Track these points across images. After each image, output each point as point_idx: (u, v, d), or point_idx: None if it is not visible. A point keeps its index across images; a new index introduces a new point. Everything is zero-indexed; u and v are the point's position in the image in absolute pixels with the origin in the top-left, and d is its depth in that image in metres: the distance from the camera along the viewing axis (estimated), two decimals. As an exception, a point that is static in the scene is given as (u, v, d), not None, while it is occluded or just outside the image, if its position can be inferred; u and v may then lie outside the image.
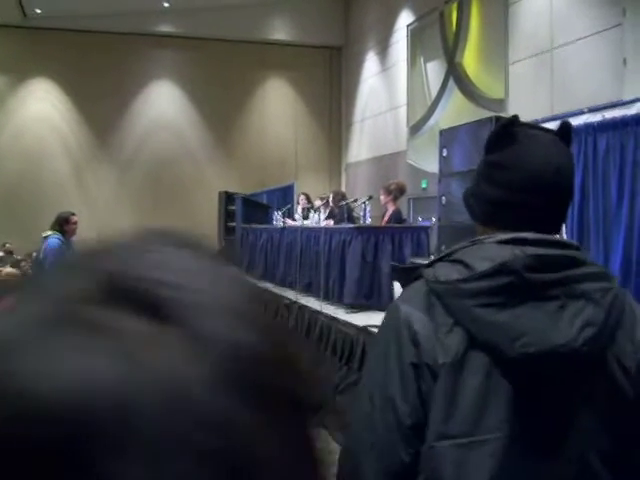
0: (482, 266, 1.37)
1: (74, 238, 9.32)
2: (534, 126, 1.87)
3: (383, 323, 1.53)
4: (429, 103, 16.33)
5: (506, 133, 1.54)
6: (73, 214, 9.19)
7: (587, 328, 1.35)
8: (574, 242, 1.47)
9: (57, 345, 0.39)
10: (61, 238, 8.86)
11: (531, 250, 1.38)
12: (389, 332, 1.47)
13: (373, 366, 1.49)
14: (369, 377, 1.49)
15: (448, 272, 1.41)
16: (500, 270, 1.36)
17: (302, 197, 11.98)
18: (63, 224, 8.99)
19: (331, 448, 6.08)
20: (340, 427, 6.38)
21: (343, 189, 19.22)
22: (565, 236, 7.44)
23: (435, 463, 1.34)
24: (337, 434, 6.36)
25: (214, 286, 0.44)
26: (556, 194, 1.52)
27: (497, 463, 1.33)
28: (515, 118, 1.57)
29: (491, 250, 1.40)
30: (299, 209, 11.40)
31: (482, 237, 1.48)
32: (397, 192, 8.86)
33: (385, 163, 18.87)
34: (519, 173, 1.49)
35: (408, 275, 1.55)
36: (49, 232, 8.92)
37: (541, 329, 1.33)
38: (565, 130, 1.59)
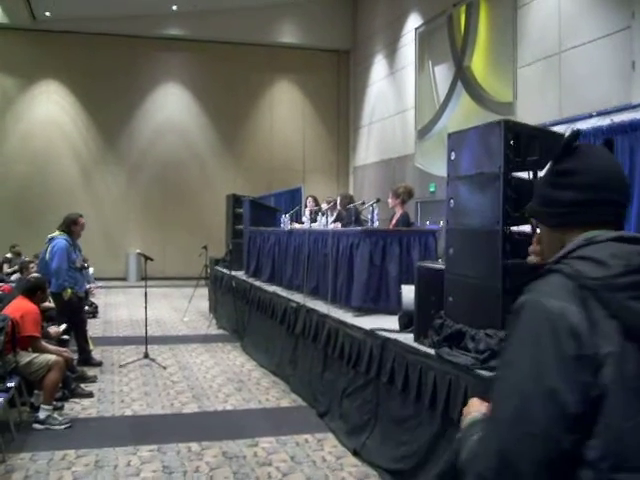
0: (619, 262, 1.53)
1: (80, 240, 9.35)
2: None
3: (526, 318, 1.56)
4: (437, 106, 16.32)
5: (570, 144, 1.72)
6: (81, 216, 9.21)
7: None
8: None
9: None
10: (68, 239, 8.87)
11: None
12: (538, 326, 1.52)
13: (520, 362, 1.52)
14: (516, 372, 1.51)
15: (591, 268, 1.54)
16: None
17: (310, 200, 11.98)
18: (71, 225, 9.01)
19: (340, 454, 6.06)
20: (347, 431, 6.37)
21: (351, 192, 19.23)
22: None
23: (618, 444, 1.45)
24: (344, 438, 6.35)
25: None
26: (627, 190, 1.73)
27: None
28: (578, 131, 1.78)
29: (612, 248, 1.57)
30: (307, 212, 11.40)
31: (591, 237, 1.61)
32: (405, 195, 8.84)
33: (393, 166, 18.88)
34: (591, 174, 1.67)
35: (532, 272, 1.65)
36: (56, 233, 8.94)
37: None
38: (610, 145, 1.80)
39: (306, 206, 12.04)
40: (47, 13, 19.96)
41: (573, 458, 1.44)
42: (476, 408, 1.79)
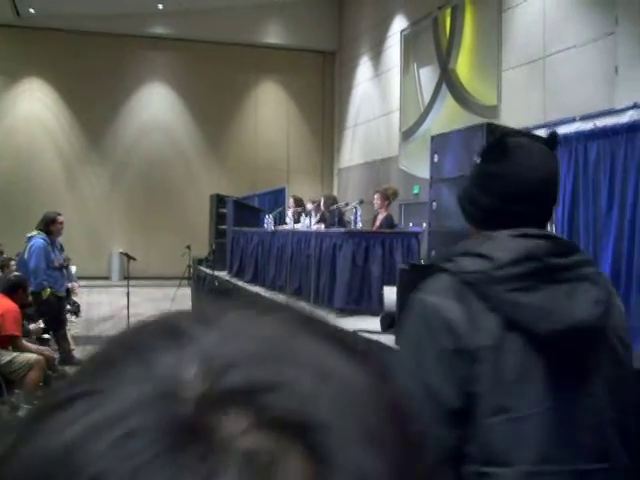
0: (504, 256, 1.50)
1: (62, 238, 9.31)
2: (525, 134, 2.08)
3: (410, 317, 1.58)
4: (422, 109, 16.36)
5: (501, 144, 1.68)
6: (59, 214, 9.16)
7: (597, 305, 1.52)
8: (561, 236, 1.61)
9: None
10: (46, 238, 8.82)
11: (542, 241, 1.55)
12: (419, 324, 1.53)
13: (404, 360, 1.54)
14: (401, 371, 1.51)
15: (473, 264, 1.52)
16: (526, 257, 1.50)
17: (291, 200, 12.02)
18: (49, 224, 8.96)
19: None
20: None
21: (335, 193, 19.23)
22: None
23: (488, 438, 1.44)
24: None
25: (358, 405, 0.37)
26: (544, 202, 1.68)
27: (542, 434, 1.45)
28: (509, 130, 1.75)
29: (505, 243, 1.54)
30: (290, 213, 11.41)
31: (490, 234, 1.60)
32: (393, 197, 8.91)
33: (377, 168, 18.89)
34: (513, 184, 1.62)
35: (425, 272, 1.66)
36: (34, 232, 8.89)
37: (564, 308, 1.48)
38: (552, 139, 1.78)
39: (290, 207, 12.04)
40: (31, 10, 19.84)
41: (457, 454, 1.44)
42: None
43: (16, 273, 8.22)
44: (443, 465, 1.40)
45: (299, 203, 11.81)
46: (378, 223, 8.63)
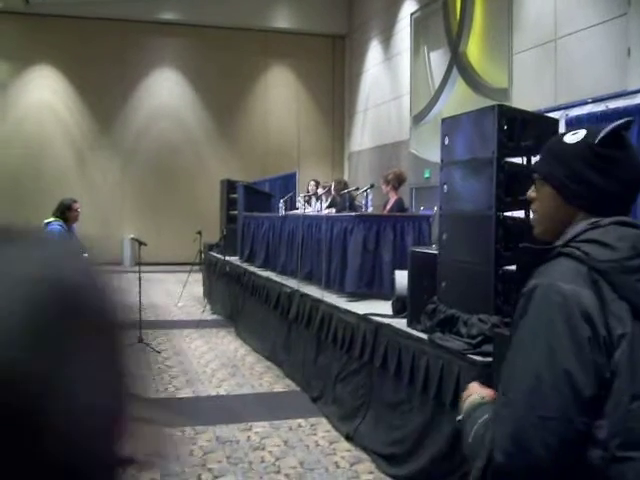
0: (623, 245, 1.57)
1: (76, 225, 9.33)
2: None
3: (539, 302, 1.59)
4: (432, 92, 16.28)
5: (620, 131, 1.73)
6: (75, 201, 9.17)
7: None
8: None
9: None
10: (63, 225, 8.84)
11: None
12: (551, 310, 1.55)
13: (535, 345, 1.56)
14: (531, 356, 1.54)
15: (600, 252, 1.57)
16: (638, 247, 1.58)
17: (312, 183, 12.04)
18: (65, 211, 8.97)
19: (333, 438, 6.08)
20: (340, 416, 6.39)
21: (346, 177, 19.20)
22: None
23: (628, 424, 1.49)
24: (337, 423, 6.37)
25: None
26: None
27: None
28: (632, 120, 1.82)
29: (617, 231, 1.61)
30: (300, 197, 11.42)
31: (595, 221, 1.65)
32: (395, 181, 8.80)
33: (388, 152, 18.85)
34: (632, 171, 1.72)
35: (540, 255, 1.67)
36: (51, 219, 8.91)
37: None
38: (627, 127, 1.81)
39: (308, 191, 12.03)
40: (40, -3, 19.85)
41: (585, 439, 1.48)
42: (476, 391, 1.80)
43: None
44: (572, 450, 1.48)
45: (318, 186, 11.81)
46: (389, 207, 8.60)
